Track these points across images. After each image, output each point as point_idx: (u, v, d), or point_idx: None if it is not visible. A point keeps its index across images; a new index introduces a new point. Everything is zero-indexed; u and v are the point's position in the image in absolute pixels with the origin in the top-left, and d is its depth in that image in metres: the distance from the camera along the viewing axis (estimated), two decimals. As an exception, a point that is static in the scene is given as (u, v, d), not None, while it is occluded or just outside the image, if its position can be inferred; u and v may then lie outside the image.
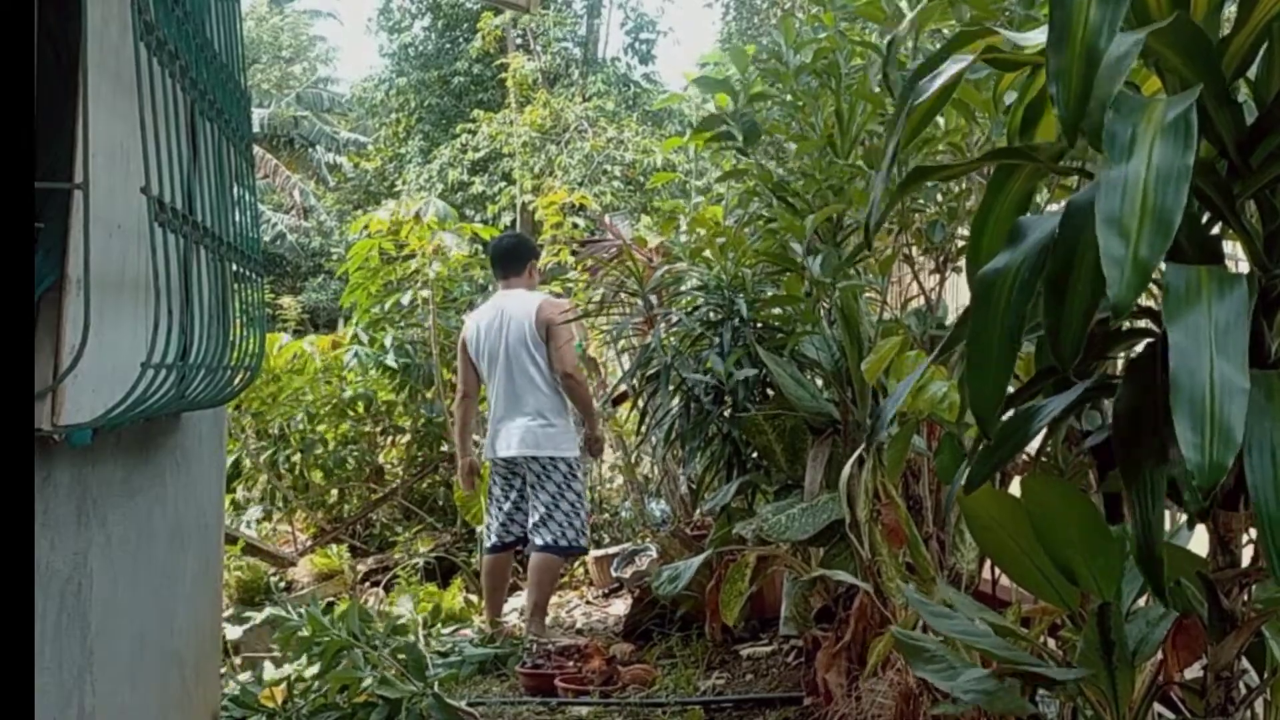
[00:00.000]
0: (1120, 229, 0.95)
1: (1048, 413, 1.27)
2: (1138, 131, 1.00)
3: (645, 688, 3.51)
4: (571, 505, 4.49)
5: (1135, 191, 0.96)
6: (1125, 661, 1.42)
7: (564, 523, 4.47)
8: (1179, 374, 0.94)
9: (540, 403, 4.49)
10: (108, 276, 1.53)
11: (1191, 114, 0.98)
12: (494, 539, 4.61)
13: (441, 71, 17.31)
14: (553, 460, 4.49)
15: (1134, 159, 0.98)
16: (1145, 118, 1.01)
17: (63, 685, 1.54)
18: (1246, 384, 0.93)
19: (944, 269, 2.89)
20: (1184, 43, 1.11)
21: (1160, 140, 0.98)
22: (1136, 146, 0.99)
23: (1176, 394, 0.93)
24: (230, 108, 2.13)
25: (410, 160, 16.58)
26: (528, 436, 4.49)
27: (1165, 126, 0.99)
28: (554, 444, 4.50)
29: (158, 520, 2.06)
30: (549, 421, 4.50)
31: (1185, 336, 0.96)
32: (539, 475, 4.50)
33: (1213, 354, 0.94)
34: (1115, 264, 0.95)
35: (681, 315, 3.69)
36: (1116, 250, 0.95)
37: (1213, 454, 0.91)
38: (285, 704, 3.23)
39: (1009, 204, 1.27)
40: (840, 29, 2.91)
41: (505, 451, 4.53)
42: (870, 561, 2.45)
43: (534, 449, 4.48)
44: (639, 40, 18.48)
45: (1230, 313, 0.97)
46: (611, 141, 12.20)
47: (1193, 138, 0.97)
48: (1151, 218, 0.95)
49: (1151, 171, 0.97)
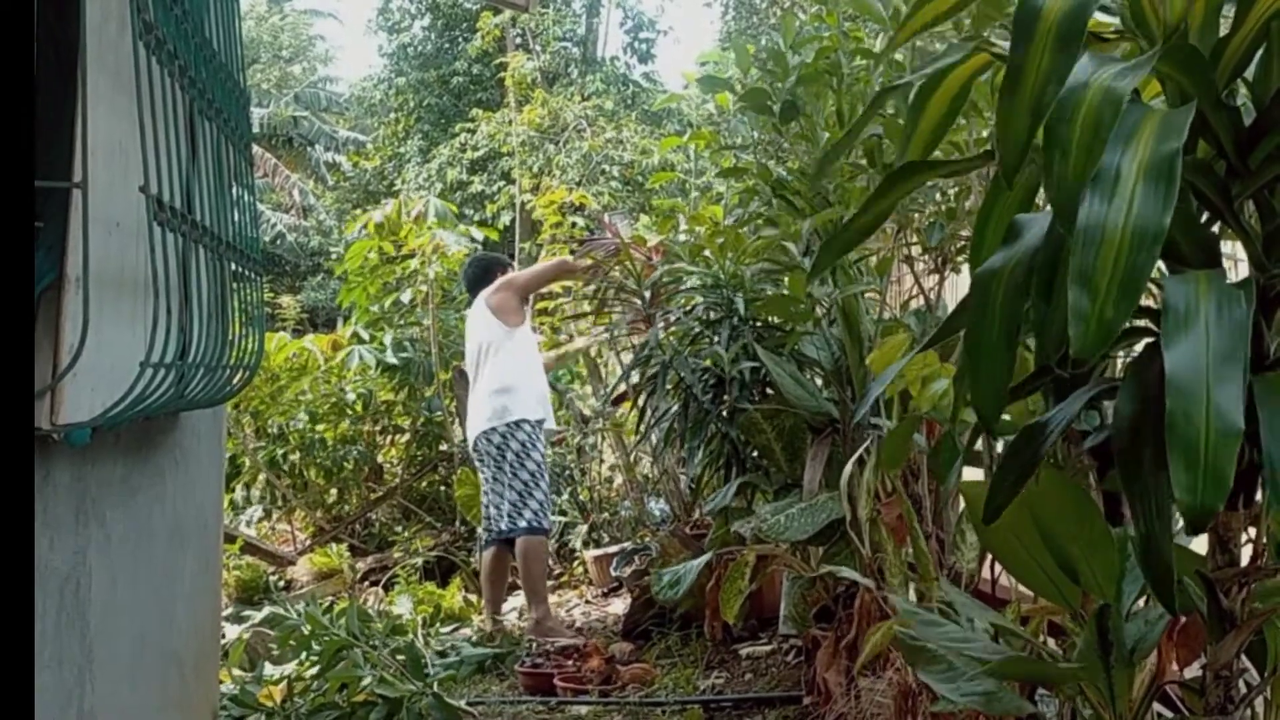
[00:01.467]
0: (1090, 286, 0.96)
1: (1056, 424, 1.27)
2: (1122, 166, 1.00)
3: (644, 687, 3.51)
4: (528, 481, 4.44)
5: (1110, 249, 0.97)
6: (1124, 660, 1.43)
7: (518, 502, 4.42)
8: (1175, 414, 0.95)
9: (494, 381, 4.52)
10: (107, 275, 1.53)
11: (1177, 159, 0.98)
12: (486, 532, 4.64)
13: (440, 71, 17.31)
14: (508, 428, 4.46)
15: (1115, 202, 0.98)
16: (1135, 144, 1.01)
17: (63, 684, 1.54)
18: (1241, 425, 0.93)
19: (943, 269, 2.89)
20: (1179, 59, 1.11)
21: (1143, 185, 0.98)
22: (1119, 186, 0.99)
23: (1171, 434, 0.94)
24: (229, 107, 2.13)
25: (409, 159, 16.58)
26: (481, 414, 4.51)
27: (1149, 168, 0.98)
28: (505, 413, 4.47)
29: (157, 519, 2.06)
30: (504, 394, 4.48)
31: (1183, 366, 0.97)
32: (497, 450, 4.48)
33: (1209, 389, 0.95)
34: (1080, 319, 0.97)
35: (680, 314, 3.69)
36: (1083, 307, 0.96)
37: (1203, 498, 0.93)
38: (284, 703, 3.23)
39: (1009, 206, 1.28)
40: (844, 29, 2.91)
41: (471, 434, 4.62)
42: (871, 559, 2.45)
43: (488, 423, 4.48)
44: (638, 39, 18.48)
45: (1229, 337, 0.97)
46: (610, 141, 12.20)
47: (1175, 185, 0.97)
48: (1121, 281, 0.96)
49: (1129, 227, 0.97)
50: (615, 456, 6.08)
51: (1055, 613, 1.84)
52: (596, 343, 5.10)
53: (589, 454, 6.25)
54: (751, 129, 3.32)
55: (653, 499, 5.65)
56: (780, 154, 3.33)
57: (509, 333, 4.58)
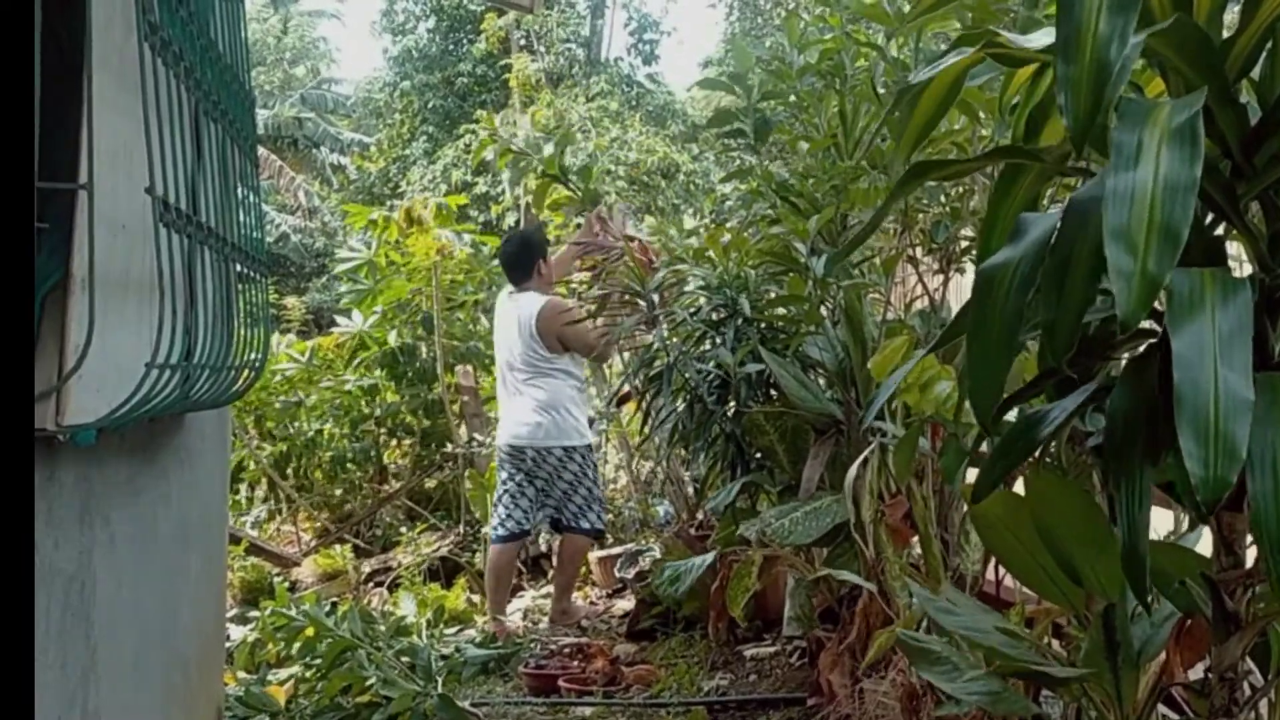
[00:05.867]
0: (1128, 242, 0.94)
1: (1054, 418, 1.26)
2: (1144, 139, 0.99)
3: (648, 688, 3.51)
4: (589, 490, 4.67)
5: (1143, 203, 0.95)
6: (1130, 662, 1.42)
7: (583, 506, 4.64)
8: (1183, 387, 0.93)
9: (546, 396, 4.60)
10: (112, 276, 1.53)
11: (1198, 121, 0.97)
12: (499, 528, 4.66)
13: (445, 73, 17.32)
14: (567, 451, 4.61)
15: (1140, 168, 0.97)
16: (1151, 123, 1.00)
17: (67, 684, 1.54)
18: (1251, 396, 0.92)
19: (948, 269, 2.88)
20: (1187, 44, 1.10)
21: (1167, 148, 0.97)
22: (1143, 154, 0.98)
23: (1180, 407, 0.92)
24: (234, 108, 2.13)
25: (414, 161, 16.59)
26: (538, 431, 4.59)
27: (1171, 133, 0.98)
28: (564, 436, 4.61)
29: (162, 519, 2.07)
30: (559, 413, 4.60)
31: (1189, 346, 0.95)
32: (555, 466, 4.61)
33: (1217, 365, 0.93)
34: (1123, 278, 0.93)
35: (685, 315, 3.69)
36: (1125, 264, 0.94)
37: (1216, 468, 0.91)
38: (289, 704, 3.24)
39: (1015, 205, 1.27)
40: (847, 30, 2.91)
41: (514, 440, 4.64)
42: (875, 561, 2.45)
43: (545, 440, 4.59)
44: (642, 40, 18.47)
45: (1235, 321, 0.96)
46: (615, 141, 12.20)
47: (1199, 146, 0.96)
48: (1159, 231, 0.94)
49: (1159, 182, 0.95)
50: (620, 457, 6.08)
51: (1060, 614, 1.83)
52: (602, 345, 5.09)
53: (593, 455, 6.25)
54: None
55: (657, 500, 5.65)
56: (785, 155, 3.33)
57: (561, 355, 4.66)
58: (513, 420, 4.66)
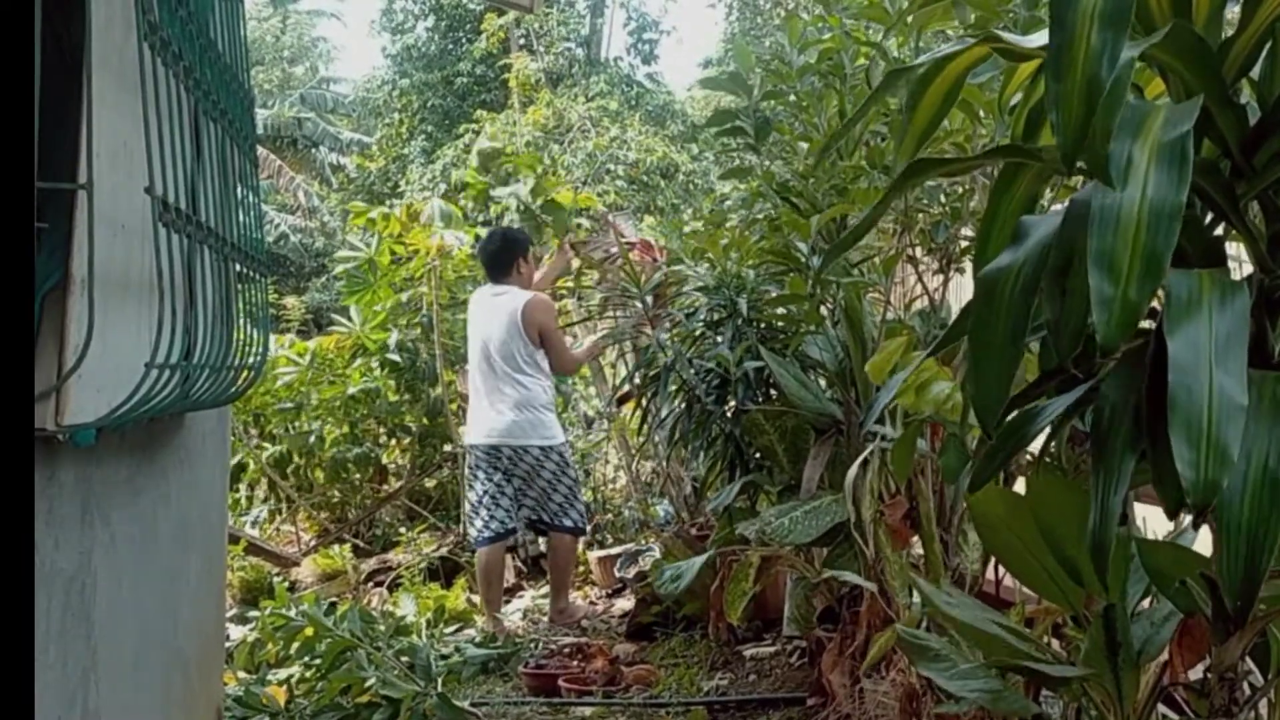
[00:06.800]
0: (1112, 268, 0.95)
1: (1050, 412, 1.26)
2: (1134, 154, 0.99)
3: (648, 688, 3.51)
4: (569, 489, 4.65)
5: (1128, 228, 0.96)
6: (1130, 661, 1.42)
7: (564, 504, 4.63)
8: (1177, 390, 0.93)
9: (524, 395, 4.59)
10: (112, 276, 1.53)
11: (1188, 140, 0.97)
12: (484, 531, 4.65)
13: (445, 72, 17.32)
14: (543, 449, 4.60)
15: (1129, 187, 0.98)
16: (1143, 137, 1.01)
17: (67, 684, 1.54)
18: (1245, 401, 0.92)
19: (947, 269, 2.88)
20: (1185, 50, 1.10)
21: (1155, 168, 0.97)
22: (1132, 172, 0.98)
23: (1174, 409, 0.93)
24: (234, 108, 2.13)
25: (413, 160, 16.59)
26: (514, 428, 4.57)
27: (1161, 149, 0.98)
28: (540, 433, 4.60)
29: (161, 519, 2.06)
30: (536, 411, 4.60)
31: (1185, 349, 0.96)
32: (532, 465, 4.60)
33: (1212, 369, 0.94)
34: (1104, 305, 0.95)
35: (683, 316, 3.69)
36: (1106, 291, 0.95)
37: (1207, 472, 0.91)
38: (288, 704, 3.23)
39: (1015, 205, 1.27)
40: (846, 29, 2.91)
41: (489, 438, 4.62)
42: (875, 561, 2.45)
43: (521, 439, 4.57)
44: (642, 40, 18.49)
45: (1231, 324, 0.97)
46: (615, 141, 12.20)
47: (1188, 166, 0.96)
48: (1143, 258, 0.95)
49: (1145, 205, 0.96)
50: (619, 457, 6.08)
51: (1060, 614, 1.83)
52: (602, 346, 5.11)
53: (593, 455, 6.25)
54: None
55: (656, 500, 5.65)
56: (786, 155, 3.33)
57: (538, 349, 4.66)
58: (487, 419, 4.64)
